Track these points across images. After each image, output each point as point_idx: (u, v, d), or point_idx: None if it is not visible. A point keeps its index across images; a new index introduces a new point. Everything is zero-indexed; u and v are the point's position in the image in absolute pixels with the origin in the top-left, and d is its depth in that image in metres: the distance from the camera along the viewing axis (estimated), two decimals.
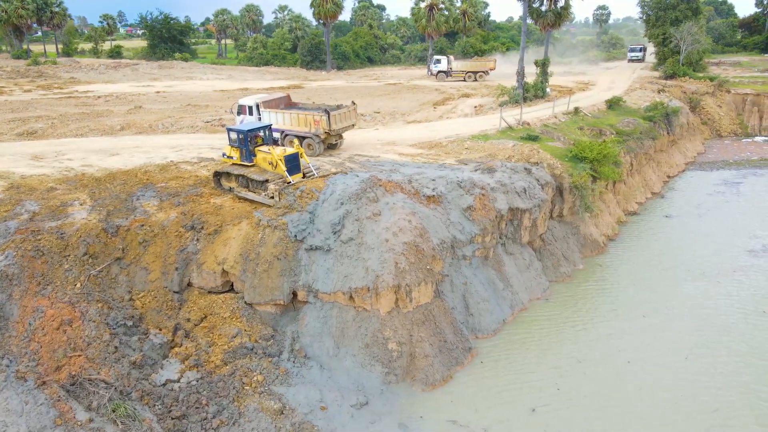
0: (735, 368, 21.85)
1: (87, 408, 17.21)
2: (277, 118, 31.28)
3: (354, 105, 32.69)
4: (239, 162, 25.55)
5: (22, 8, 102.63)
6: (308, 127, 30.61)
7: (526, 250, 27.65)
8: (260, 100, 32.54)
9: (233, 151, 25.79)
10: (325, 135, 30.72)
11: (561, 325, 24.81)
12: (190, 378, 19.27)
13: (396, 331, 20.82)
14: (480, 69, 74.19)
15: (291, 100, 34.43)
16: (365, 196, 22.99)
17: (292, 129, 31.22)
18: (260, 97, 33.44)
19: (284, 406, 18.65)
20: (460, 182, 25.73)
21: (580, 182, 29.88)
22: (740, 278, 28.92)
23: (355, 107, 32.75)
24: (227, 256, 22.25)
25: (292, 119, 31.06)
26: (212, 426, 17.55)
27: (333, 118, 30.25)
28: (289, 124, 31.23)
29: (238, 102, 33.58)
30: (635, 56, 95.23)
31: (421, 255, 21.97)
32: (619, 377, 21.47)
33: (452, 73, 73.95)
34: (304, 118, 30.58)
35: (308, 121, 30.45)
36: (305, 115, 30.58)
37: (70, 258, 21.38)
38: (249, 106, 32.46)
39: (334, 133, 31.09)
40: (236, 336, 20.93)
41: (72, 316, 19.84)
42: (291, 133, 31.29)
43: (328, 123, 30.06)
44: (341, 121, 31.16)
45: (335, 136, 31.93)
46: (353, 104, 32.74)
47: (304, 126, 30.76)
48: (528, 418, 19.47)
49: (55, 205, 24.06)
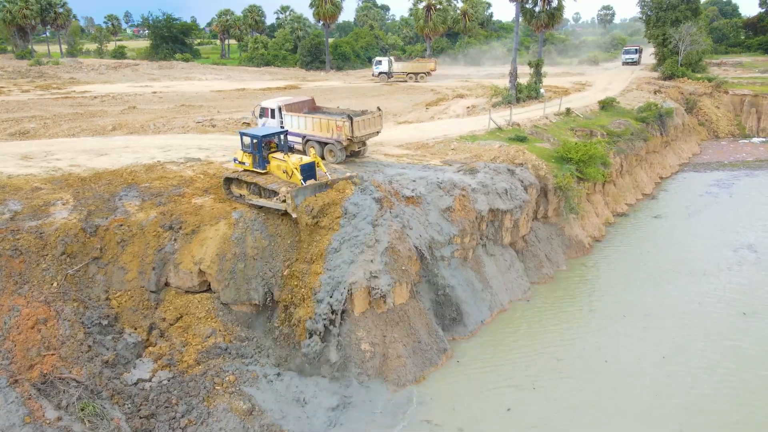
0: (710, 367, 21.93)
1: (56, 406, 17.39)
2: (298, 122, 30.30)
3: (379, 111, 31.03)
4: (251, 168, 24.34)
5: (26, 9, 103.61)
6: (330, 132, 29.25)
7: (508, 251, 27.65)
8: (283, 103, 31.53)
9: (245, 157, 24.32)
10: (348, 142, 29.07)
11: (540, 326, 24.85)
12: (161, 377, 19.41)
13: (369, 332, 20.89)
14: (420, 70, 75.64)
15: (315, 103, 33.21)
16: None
17: (314, 134, 29.98)
18: (283, 99, 32.47)
19: (254, 406, 18.75)
20: (440, 183, 25.77)
21: (563, 183, 29.84)
22: (724, 279, 28.88)
23: (381, 113, 31.02)
24: (204, 256, 22.38)
25: (314, 124, 29.86)
26: (180, 425, 17.68)
27: (356, 125, 28.63)
28: (311, 129, 30.02)
29: (260, 104, 32.59)
30: (630, 59, 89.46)
31: (397, 256, 22.02)
32: (596, 376, 21.52)
33: (394, 74, 75.18)
34: (327, 123, 29.30)
35: (330, 127, 29.13)
36: (327, 120, 29.30)
37: (48, 257, 21.58)
38: (271, 109, 31.43)
39: (357, 140, 29.37)
40: (210, 336, 21.07)
41: (47, 315, 20.03)
42: (312, 138, 30.07)
43: (351, 129, 28.48)
44: (365, 128, 29.49)
45: (358, 143, 30.08)
46: (378, 110, 31.16)
47: (326, 131, 29.44)
48: (503, 417, 19.52)
49: (38, 204, 24.25)
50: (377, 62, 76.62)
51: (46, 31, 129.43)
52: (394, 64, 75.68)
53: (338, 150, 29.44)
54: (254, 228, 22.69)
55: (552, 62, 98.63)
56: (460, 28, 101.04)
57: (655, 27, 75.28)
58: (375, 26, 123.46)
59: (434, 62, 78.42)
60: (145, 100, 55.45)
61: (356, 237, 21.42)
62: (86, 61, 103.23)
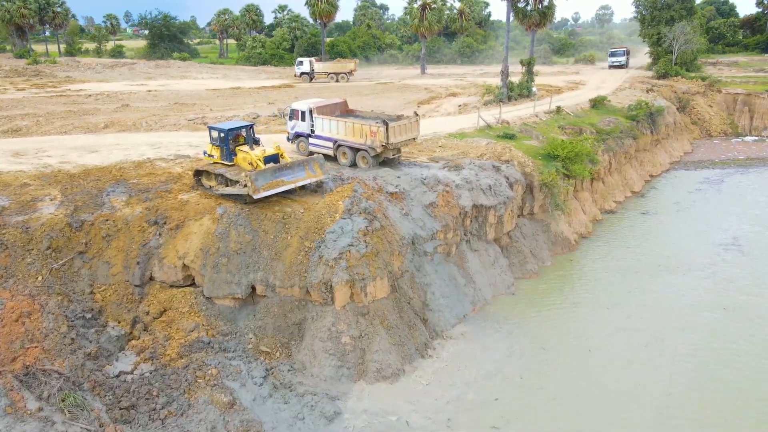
0: (689, 355, 22.46)
1: (38, 398, 17.62)
2: (330, 126, 29.03)
3: (417, 116, 29.46)
4: (219, 161, 25.12)
5: (24, 8, 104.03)
6: (363, 138, 27.77)
7: (492, 246, 27.88)
8: (314, 105, 30.21)
9: (214, 150, 25.32)
10: (382, 148, 27.59)
11: (524, 319, 25.12)
12: (143, 370, 19.66)
13: (350, 325, 21.14)
14: (341, 71, 76.47)
15: (347, 106, 31.85)
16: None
17: (346, 139, 28.61)
18: (314, 101, 31.13)
19: (235, 400, 18.98)
20: (424, 179, 26.02)
21: (549, 180, 30.07)
22: (708, 273, 29.19)
23: (418, 118, 29.44)
24: (188, 251, 22.63)
25: (347, 129, 28.42)
26: (160, 416, 17.92)
27: (392, 130, 27.07)
28: (343, 133, 28.60)
29: (290, 106, 31.42)
30: (616, 62, 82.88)
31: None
32: (580, 366, 21.99)
33: (315, 74, 75.92)
34: (360, 128, 27.82)
35: (364, 132, 27.61)
36: (361, 125, 27.84)
37: (34, 251, 21.87)
38: (302, 111, 30.24)
39: (392, 146, 27.80)
40: (193, 330, 21.31)
41: (31, 308, 20.28)
42: (344, 143, 28.72)
43: (386, 135, 26.96)
44: (401, 134, 27.85)
45: (393, 150, 28.49)
46: (415, 115, 29.66)
47: (359, 137, 27.98)
48: (491, 407, 19.79)
49: (26, 200, 24.52)
50: (299, 63, 77.29)
51: (45, 31, 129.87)
52: (315, 64, 76.51)
53: (371, 157, 28.05)
54: (238, 223, 22.93)
55: (548, 61, 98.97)
56: (456, 27, 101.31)
57: (650, 26, 75.50)
58: (372, 25, 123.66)
59: (354, 63, 79.66)
60: (139, 99, 55.72)
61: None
62: (84, 60, 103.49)
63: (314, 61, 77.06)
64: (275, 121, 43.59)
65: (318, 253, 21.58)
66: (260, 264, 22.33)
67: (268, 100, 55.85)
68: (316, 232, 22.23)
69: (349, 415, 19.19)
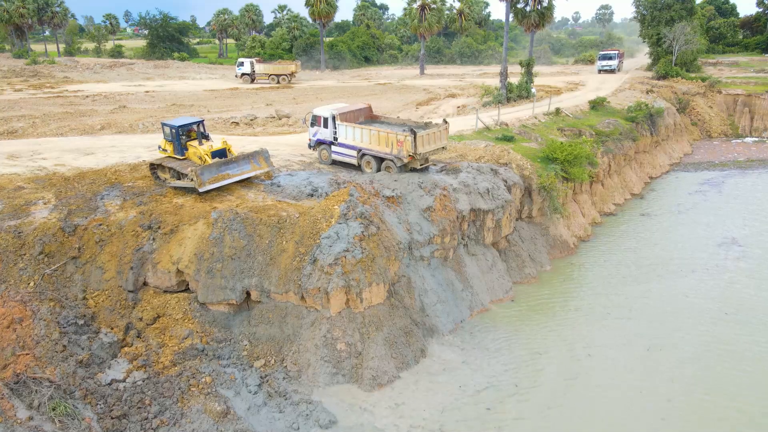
0: (690, 360, 22.20)
1: (28, 406, 17.37)
2: (354, 133, 27.62)
3: (446, 124, 27.97)
4: (172, 155, 26.53)
5: (23, 8, 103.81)
6: (390, 147, 26.47)
7: (490, 251, 27.62)
8: (337, 111, 28.79)
9: (167, 145, 26.88)
10: (409, 159, 26.31)
11: (521, 325, 24.83)
12: (136, 378, 19.40)
13: (345, 332, 20.89)
14: (282, 72, 75.62)
15: (372, 111, 30.46)
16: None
17: (371, 148, 27.24)
18: (337, 107, 29.69)
19: (229, 409, 18.73)
20: (421, 183, 25.74)
21: (547, 183, 29.81)
22: (709, 276, 28.94)
23: (447, 126, 27.96)
24: (182, 256, 22.37)
25: (371, 137, 27.02)
26: (152, 426, 17.67)
27: (419, 140, 25.69)
28: (367, 142, 27.22)
29: (312, 112, 30.17)
30: (606, 66, 77.05)
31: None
32: (579, 370, 21.71)
33: (256, 75, 75.17)
34: (386, 137, 26.53)
35: (390, 141, 26.33)
36: (387, 134, 26.54)
37: (26, 257, 21.61)
38: (324, 117, 28.96)
39: (419, 157, 26.41)
40: (187, 337, 21.05)
41: (23, 314, 20.04)
42: (369, 152, 27.40)
43: (414, 145, 25.66)
44: (429, 143, 26.48)
45: (420, 161, 26.94)
46: (444, 122, 28.05)
47: (384, 146, 26.70)
48: (483, 415, 19.52)
49: (19, 204, 24.27)
50: (239, 63, 76.48)
51: (44, 31, 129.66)
52: (256, 65, 75.55)
53: (396, 168, 26.75)
54: (233, 228, 22.66)
55: (547, 62, 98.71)
56: (456, 27, 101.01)
57: (650, 26, 75.19)
58: (372, 25, 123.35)
59: (296, 64, 78.87)
60: (136, 100, 55.47)
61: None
62: (82, 60, 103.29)
63: (255, 62, 76.25)
64: (272, 123, 43.35)
65: (313, 259, 21.35)
66: (255, 269, 22.08)
67: (266, 102, 55.61)
68: (312, 237, 21.99)
69: (345, 423, 18.94)
